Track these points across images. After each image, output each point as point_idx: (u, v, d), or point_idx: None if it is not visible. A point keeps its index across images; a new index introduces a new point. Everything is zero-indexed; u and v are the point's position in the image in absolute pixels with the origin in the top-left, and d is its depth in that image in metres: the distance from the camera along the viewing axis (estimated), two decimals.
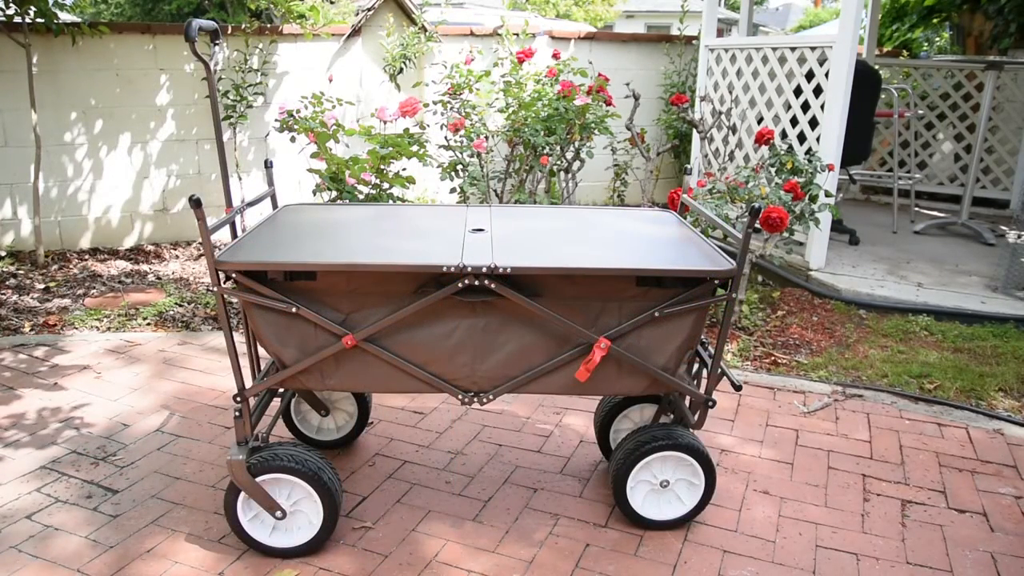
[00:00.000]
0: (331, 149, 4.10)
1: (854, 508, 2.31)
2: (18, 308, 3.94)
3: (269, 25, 5.37)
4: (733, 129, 4.90)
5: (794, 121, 4.45)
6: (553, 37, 6.18)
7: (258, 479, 1.96)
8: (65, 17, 4.87)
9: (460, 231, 2.08)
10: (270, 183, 2.40)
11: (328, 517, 2.01)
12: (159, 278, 4.51)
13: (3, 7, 4.37)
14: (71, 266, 4.67)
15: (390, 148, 3.83)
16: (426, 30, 5.55)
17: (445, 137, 4.43)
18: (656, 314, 1.91)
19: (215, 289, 1.85)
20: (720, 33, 5.48)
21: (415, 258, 1.85)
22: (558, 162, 4.68)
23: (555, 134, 4.41)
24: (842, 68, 4.00)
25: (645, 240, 2.09)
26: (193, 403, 2.93)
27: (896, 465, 2.55)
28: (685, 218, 2.39)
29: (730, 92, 4.99)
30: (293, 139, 4.21)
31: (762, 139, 3.80)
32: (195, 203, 1.72)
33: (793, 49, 4.40)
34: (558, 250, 1.97)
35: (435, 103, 4.66)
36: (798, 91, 4.39)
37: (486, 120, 4.69)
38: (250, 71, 5.19)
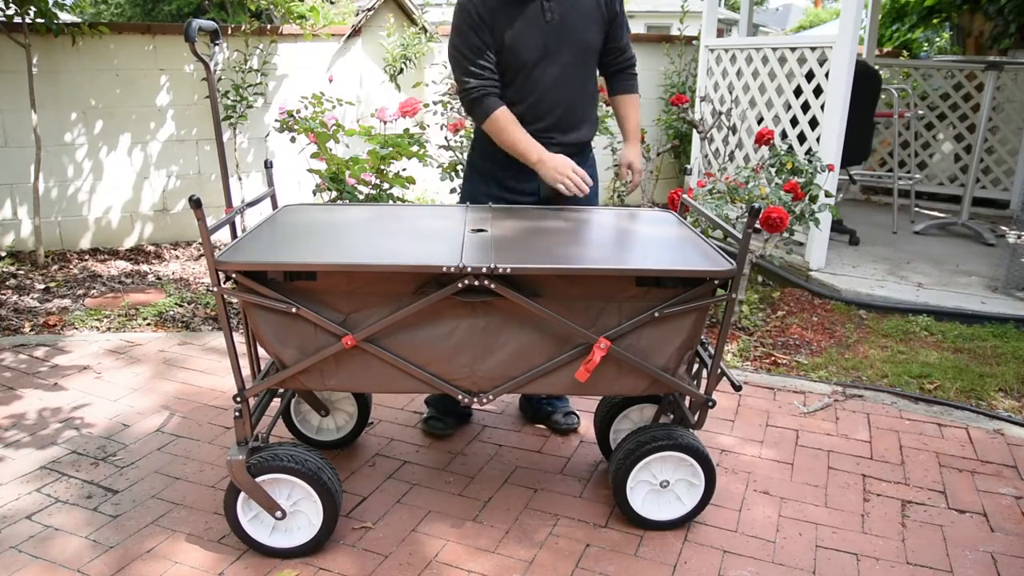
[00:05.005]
0: (331, 149, 4.10)
1: (854, 508, 2.31)
2: (18, 308, 3.95)
3: (269, 25, 5.37)
4: (733, 129, 4.90)
5: (794, 121, 4.45)
6: None
7: (258, 479, 1.96)
8: (65, 17, 4.88)
9: (460, 231, 2.08)
10: (270, 183, 2.40)
11: (328, 517, 2.01)
12: (159, 278, 4.51)
13: (3, 7, 4.37)
14: (71, 266, 4.67)
15: (390, 148, 3.83)
16: (426, 30, 5.55)
17: (445, 137, 4.43)
18: (656, 314, 1.91)
19: (215, 289, 1.85)
20: (720, 33, 5.48)
21: (415, 258, 1.85)
22: None
23: None
24: (842, 68, 4.00)
25: (645, 240, 2.09)
26: (193, 403, 2.93)
27: (896, 465, 2.55)
28: (685, 218, 2.39)
29: (730, 92, 4.99)
30: (293, 139, 4.21)
31: (762, 139, 3.80)
32: (195, 203, 1.72)
33: (793, 49, 4.40)
34: (558, 250, 1.97)
35: (435, 103, 4.66)
36: (798, 91, 4.39)
37: None
38: (250, 71, 5.20)
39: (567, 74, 2.38)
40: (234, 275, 1.87)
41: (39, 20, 4.44)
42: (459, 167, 4.38)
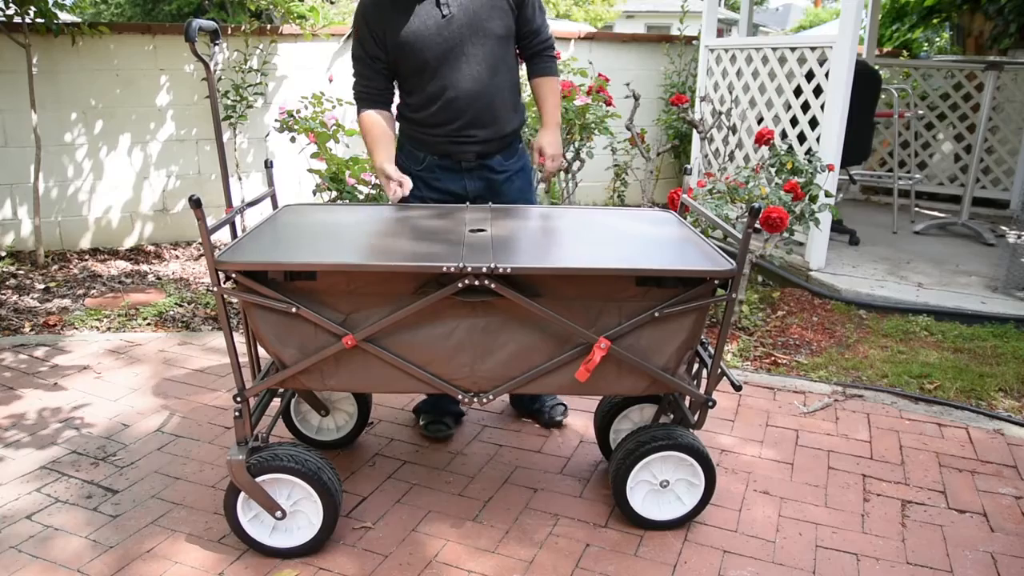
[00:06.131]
0: (331, 149, 4.10)
1: (854, 508, 2.31)
2: (18, 308, 3.95)
3: (269, 25, 5.37)
4: (733, 129, 4.90)
5: (794, 121, 4.45)
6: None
7: (258, 479, 1.96)
8: (65, 17, 4.87)
9: (460, 231, 2.08)
10: (270, 183, 2.40)
11: (328, 517, 2.01)
12: (159, 278, 4.51)
13: (3, 7, 4.38)
14: (71, 266, 4.68)
15: None
16: None
17: None
18: (656, 314, 1.91)
19: (215, 289, 1.85)
20: (720, 33, 5.48)
21: (415, 258, 1.85)
22: None
23: None
24: (842, 68, 4.00)
25: (645, 240, 2.09)
26: (193, 403, 2.93)
27: (896, 465, 2.55)
28: (685, 218, 2.39)
29: (730, 92, 4.99)
30: (293, 139, 4.21)
31: (762, 139, 3.80)
32: (195, 203, 1.72)
33: (793, 49, 4.40)
34: (558, 250, 1.97)
35: None
36: (798, 91, 4.39)
37: None
38: (250, 71, 5.20)
39: (476, 68, 2.35)
40: (234, 275, 1.88)
41: (39, 20, 4.44)
42: None
